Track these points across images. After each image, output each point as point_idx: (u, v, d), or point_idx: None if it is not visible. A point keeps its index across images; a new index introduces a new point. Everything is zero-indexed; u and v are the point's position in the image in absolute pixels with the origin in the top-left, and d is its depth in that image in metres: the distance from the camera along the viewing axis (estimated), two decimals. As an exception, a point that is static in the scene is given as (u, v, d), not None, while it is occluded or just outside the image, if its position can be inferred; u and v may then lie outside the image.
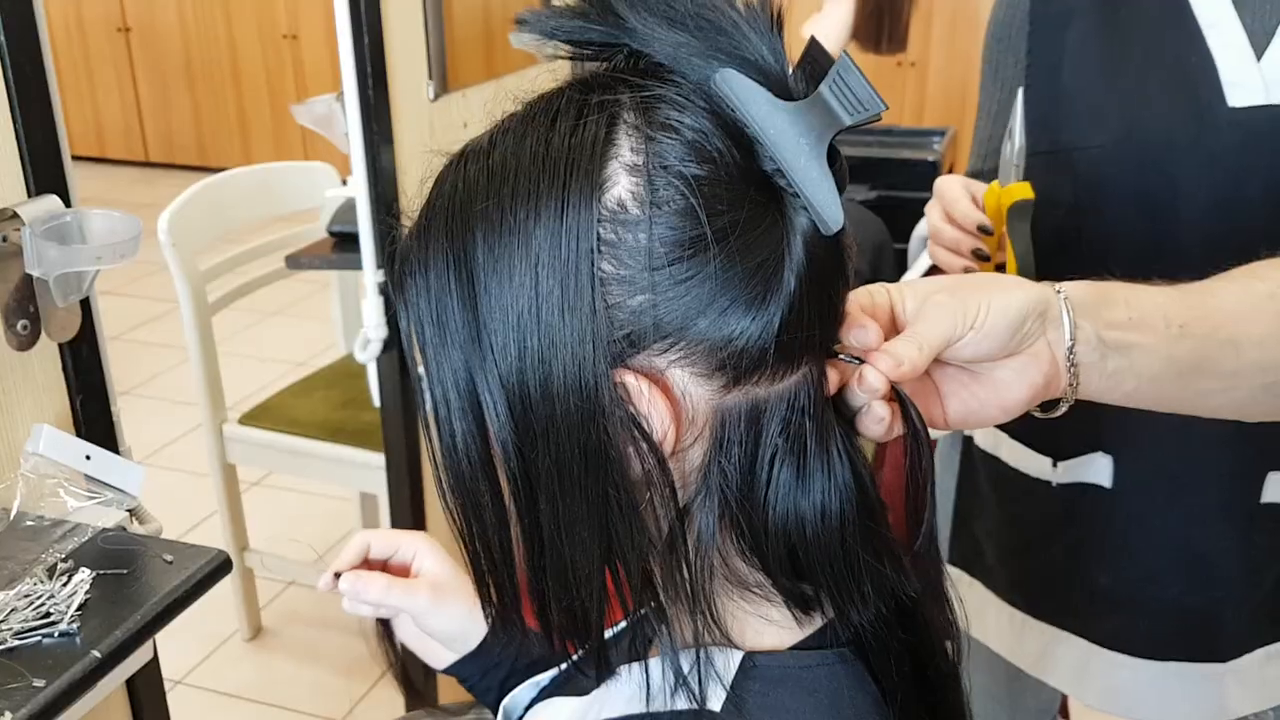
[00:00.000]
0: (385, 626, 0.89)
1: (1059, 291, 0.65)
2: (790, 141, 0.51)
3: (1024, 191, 0.93)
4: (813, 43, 0.54)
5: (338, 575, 0.85)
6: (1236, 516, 1.07)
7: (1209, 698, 1.13)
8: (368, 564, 0.88)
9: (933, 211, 1.03)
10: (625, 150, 0.51)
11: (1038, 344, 0.63)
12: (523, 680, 0.77)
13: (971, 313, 0.60)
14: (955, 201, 1.00)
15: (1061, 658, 1.18)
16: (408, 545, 0.88)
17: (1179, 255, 1.01)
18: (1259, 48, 0.98)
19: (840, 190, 0.52)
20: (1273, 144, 0.97)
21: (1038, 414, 0.68)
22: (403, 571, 0.88)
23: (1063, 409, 0.67)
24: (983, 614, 1.26)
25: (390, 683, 2.31)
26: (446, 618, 0.85)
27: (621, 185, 0.51)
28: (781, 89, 0.52)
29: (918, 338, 0.59)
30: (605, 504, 0.53)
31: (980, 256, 0.98)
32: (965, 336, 0.60)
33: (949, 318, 0.60)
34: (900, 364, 0.56)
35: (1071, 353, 0.64)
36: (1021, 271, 0.92)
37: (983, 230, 0.98)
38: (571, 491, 0.53)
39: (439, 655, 0.87)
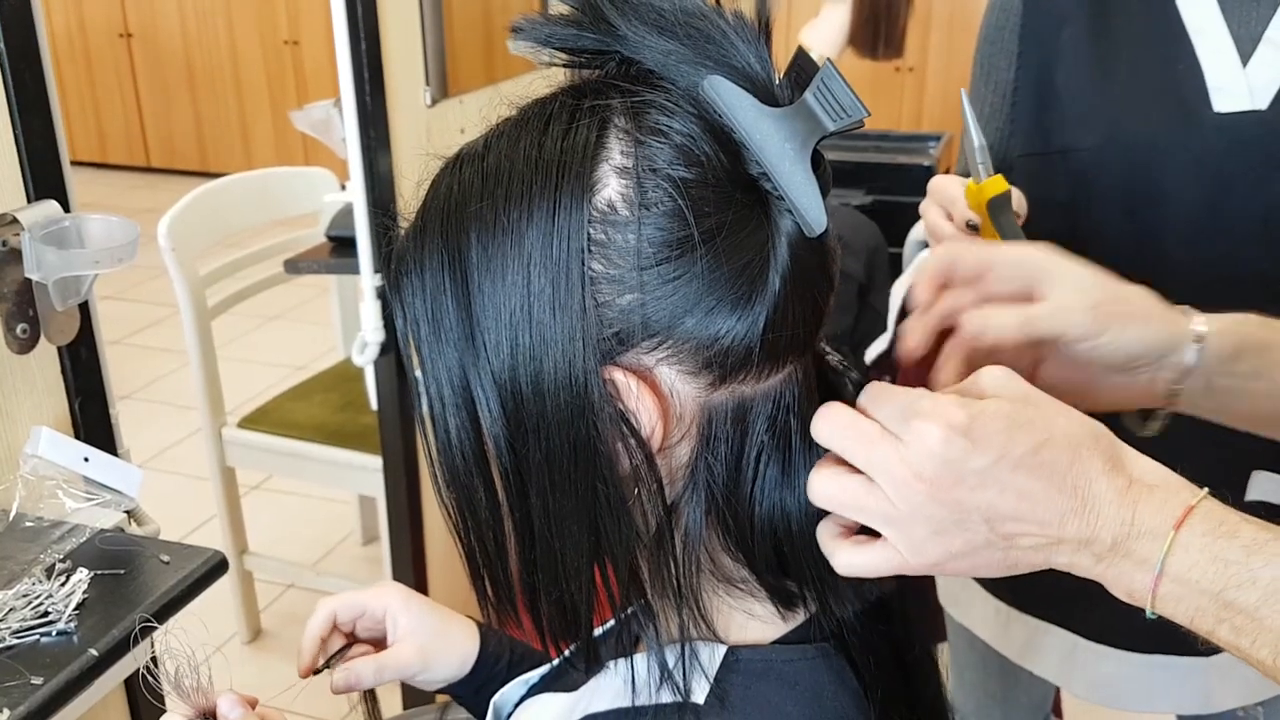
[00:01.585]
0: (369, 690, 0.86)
1: (1199, 341, 0.69)
2: (775, 146, 0.52)
3: (999, 185, 0.93)
4: (800, 52, 0.55)
5: (316, 671, 0.81)
6: None
7: (1193, 689, 1.14)
8: (337, 630, 0.84)
9: (930, 210, 1.03)
10: (616, 153, 0.53)
11: (1142, 375, 0.70)
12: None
13: (1100, 328, 0.67)
14: (954, 201, 1.00)
15: (1048, 649, 1.20)
16: (377, 606, 0.84)
17: (1166, 257, 1.02)
18: (1245, 54, 0.99)
19: (824, 194, 0.53)
20: (1257, 149, 0.98)
21: (1139, 431, 0.76)
22: (376, 631, 0.85)
23: (1153, 429, 0.77)
24: (970, 603, 1.27)
25: (390, 683, 2.31)
26: (439, 669, 0.84)
27: (612, 187, 0.52)
28: (767, 95, 0.53)
29: (1027, 316, 0.67)
30: (594, 499, 0.54)
31: None
32: (1082, 345, 0.67)
33: (1079, 322, 0.67)
34: (983, 332, 0.64)
35: (1176, 384, 0.70)
36: None
37: (971, 227, 0.98)
38: (561, 486, 0.54)
39: (430, 683, 0.86)
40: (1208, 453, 1.08)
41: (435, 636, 0.84)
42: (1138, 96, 1.02)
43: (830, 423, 0.54)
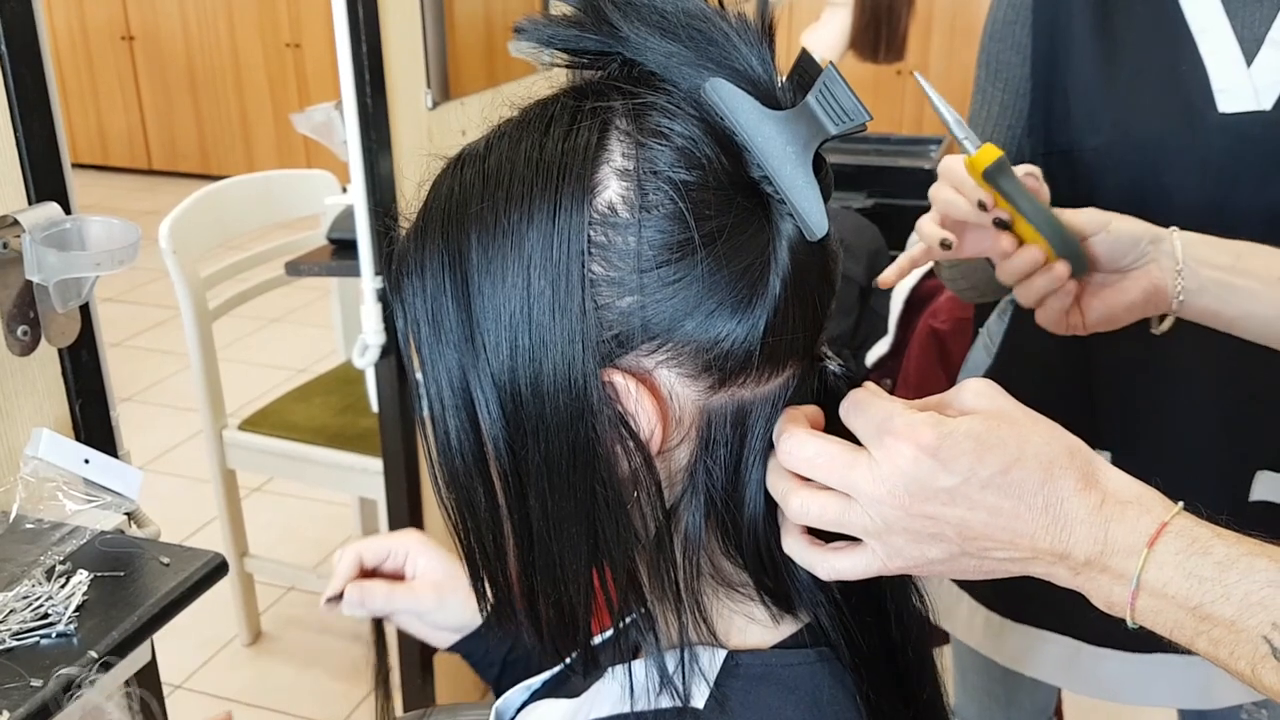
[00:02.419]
0: (379, 635, 0.88)
1: (1173, 231, 0.89)
2: (777, 149, 0.52)
3: (990, 153, 0.90)
4: (803, 54, 0.55)
5: (335, 599, 0.85)
6: (1226, 514, 1.08)
7: (1193, 683, 1.15)
8: (362, 573, 0.88)
9: (941, 190, 0.99)
10: (617, 155, 0.52)
11: (1150, 266, 0.88)
12: (523, 658, 0.78)
13: (1105, 220, 0.89)
14: (964, 181, 0.97)
15: (1046, 654, 1.19)
16: (399, 547, 0.89)
17: None
18: (1249, 54, 0.99)
19: (826, 197, 0.53)
20: (1262, 149, 0.98)
21: (1154, 329, 0.93)
22: (397, 574, 0.89)
23: (1167, 324, 0.92)
24: (954, 610, 1.27)
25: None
26: (452, 612, 0.86)
27: (612, 189, 0.52)
28: (769, 98, 0.53)
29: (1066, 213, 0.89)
30: (592, 501, 0.54)
31: (1002, 225, 0.94)
32: (1099, 235, 0.88)
33: (1090, 219, 0.89)
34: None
35: (1179, 275, 0.87)
36: (1036, 220, 0.88)
37: (981, 206, 0.96)
38: (560, 488, 0.54)
39: (442, 638, 0.89)
40: (1213, 455, 1.09)
41: (450, 579, 0.87)
42: (1142, 97, 1.02)
43: (800, 453, 0.54)
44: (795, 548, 0.57)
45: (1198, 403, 1.08)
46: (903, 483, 0.52)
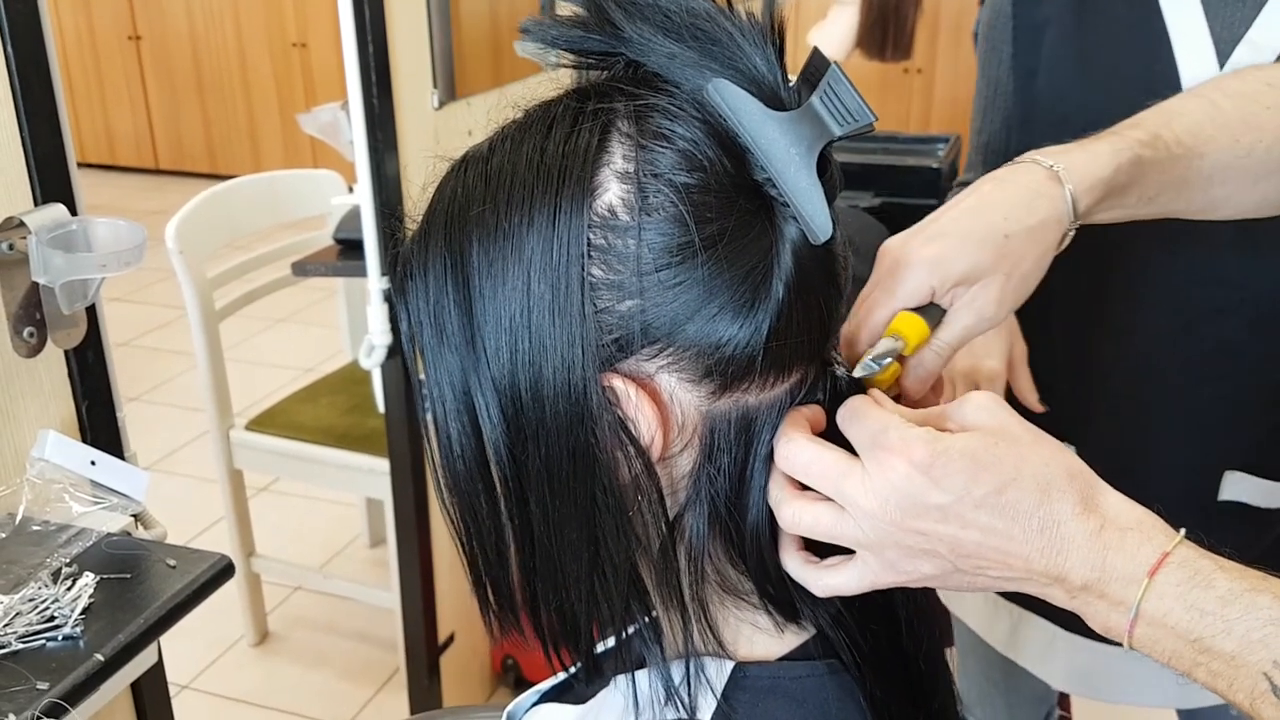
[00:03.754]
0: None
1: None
2: (780, 151, 0.52)
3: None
4: (814, 53, 0.54)
5: None
6: (1195, 513, 1.08)
7: (1169, 683, 1.14)
8: None
9: None
10: (617, 158, 0.52)
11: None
12: None
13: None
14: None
15: (1029, 639, 1.21)
16: None
17: (1141, 262, 1.02)
18: (1223, 55, 0.99)
19: (831, 199, 0.52)
20: None
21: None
22: None
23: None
24: (962, 594, 1.28)
25: (396, 687, 2.32)
26: None
27: (613, 192, 0.52)
28: (774, 99, 0.52)
29: (953, 338, 0.65)
30: (593, 506, 0.53)
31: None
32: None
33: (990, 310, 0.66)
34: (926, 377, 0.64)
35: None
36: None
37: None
38: (560, 493, 0.54)
39: None
40: (1181, 454, 1.09)
41: None
42: (1116, 98, 1.02)
43: (795, 459, 0.54)
44: (792, 564, 0.57)
45: (1166, 403, 1.08)
46: (894, 498, 0.52)
